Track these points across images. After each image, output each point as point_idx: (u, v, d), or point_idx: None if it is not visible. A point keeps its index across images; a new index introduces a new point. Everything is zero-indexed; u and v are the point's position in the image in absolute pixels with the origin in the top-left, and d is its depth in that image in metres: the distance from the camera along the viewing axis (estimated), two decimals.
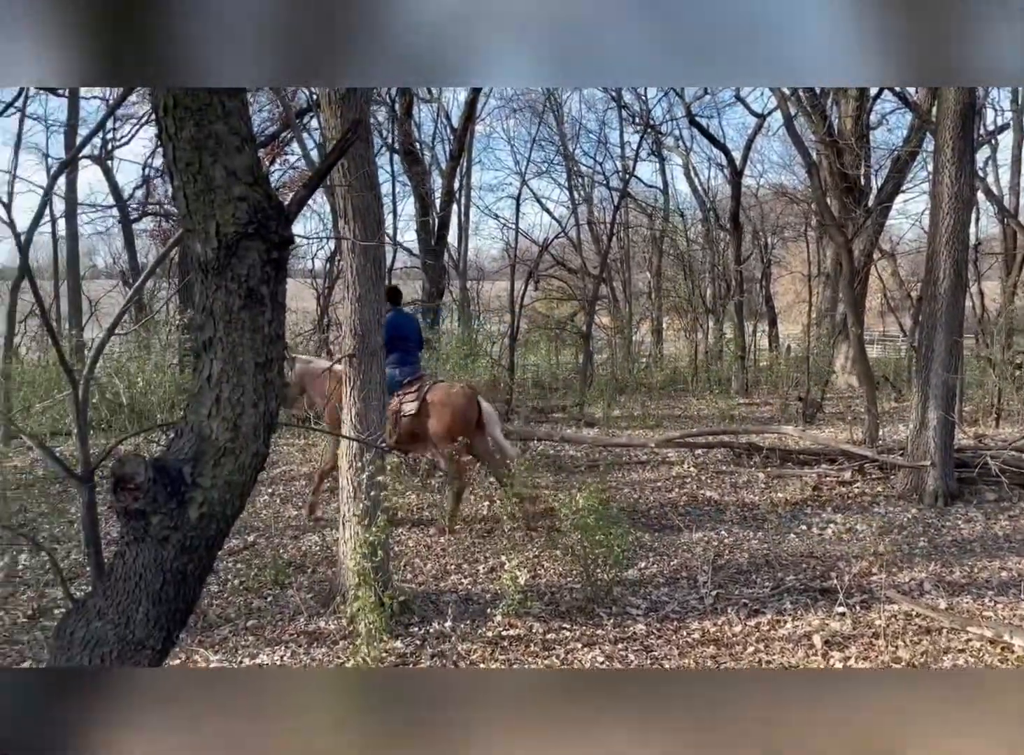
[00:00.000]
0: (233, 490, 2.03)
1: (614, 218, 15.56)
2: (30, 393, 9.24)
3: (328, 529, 6.17)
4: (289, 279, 2.03)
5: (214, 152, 1.74)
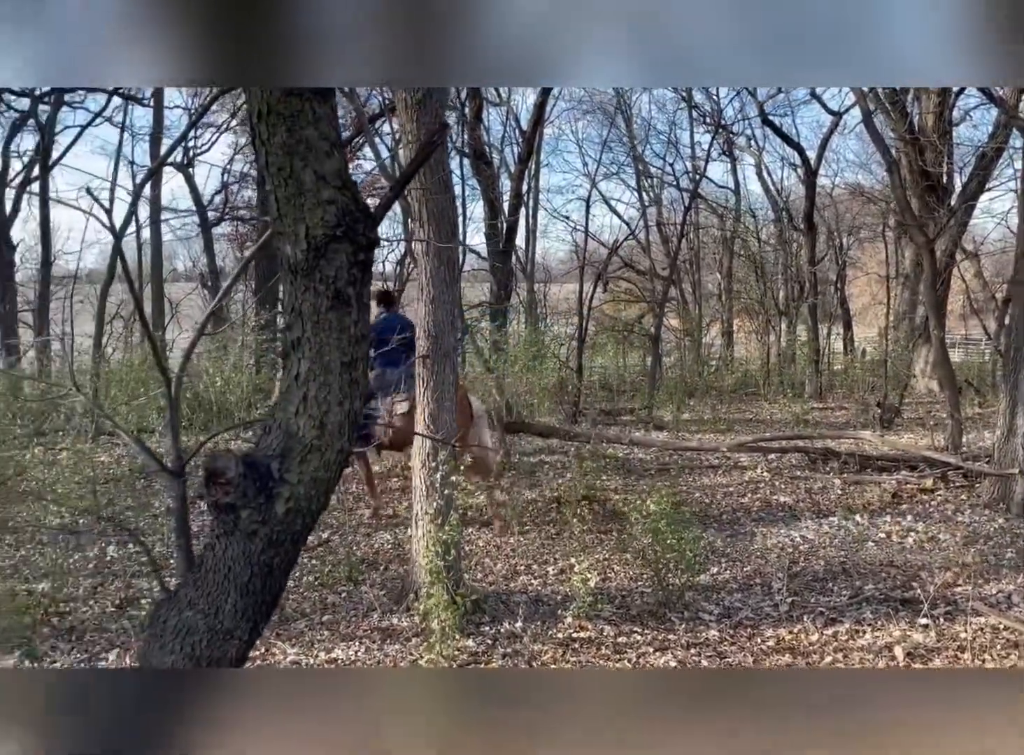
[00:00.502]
0: (318, 486, 2.08)
1: (684, 219, 15.39)
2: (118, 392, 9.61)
3: (399, 527, 6.26)
4: None
5: (304, 157, 1.79)
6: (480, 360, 10.26)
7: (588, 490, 6.68)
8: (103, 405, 6.25)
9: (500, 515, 6.22)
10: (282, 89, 1.73)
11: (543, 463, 8.29)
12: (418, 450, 4.76)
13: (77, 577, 5.22)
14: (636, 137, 19.60)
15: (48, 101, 15.92)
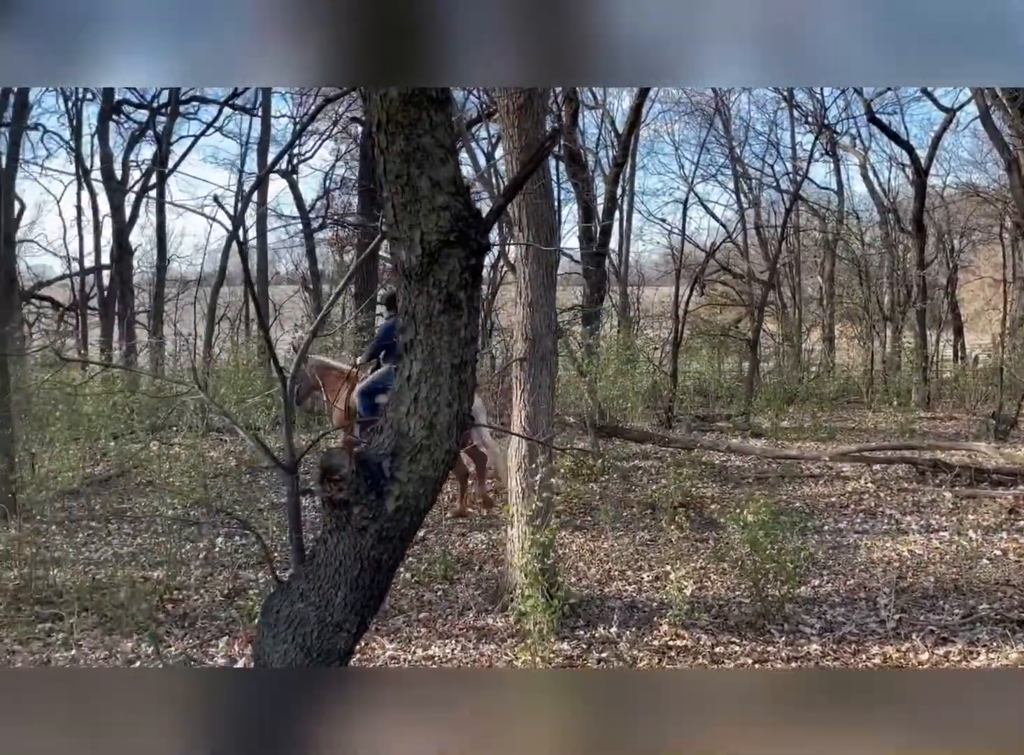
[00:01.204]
0: (426, 485, 2.13)
1: (785, 221, 14.99)
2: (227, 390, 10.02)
3: (492, 528, 6.32)
4: None
5: (421, 164, 1.84)
6: (572, 363, 10.25)
7: (684, 497, 6.58)
8: (220, 403, 6.54)
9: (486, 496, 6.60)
10: (401, 98, 1.78)
11: (636, 468, 8.22)
12: (514, 452, 4.80)
13: (189, 566, 5.47)
14: (735, 138, 19.20)
15: (164, 113, 16.78)
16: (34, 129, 16.18)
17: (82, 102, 16.78)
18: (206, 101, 17.81)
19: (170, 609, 4.76)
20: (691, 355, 14.85)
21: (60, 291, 18.61)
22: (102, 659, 4.06)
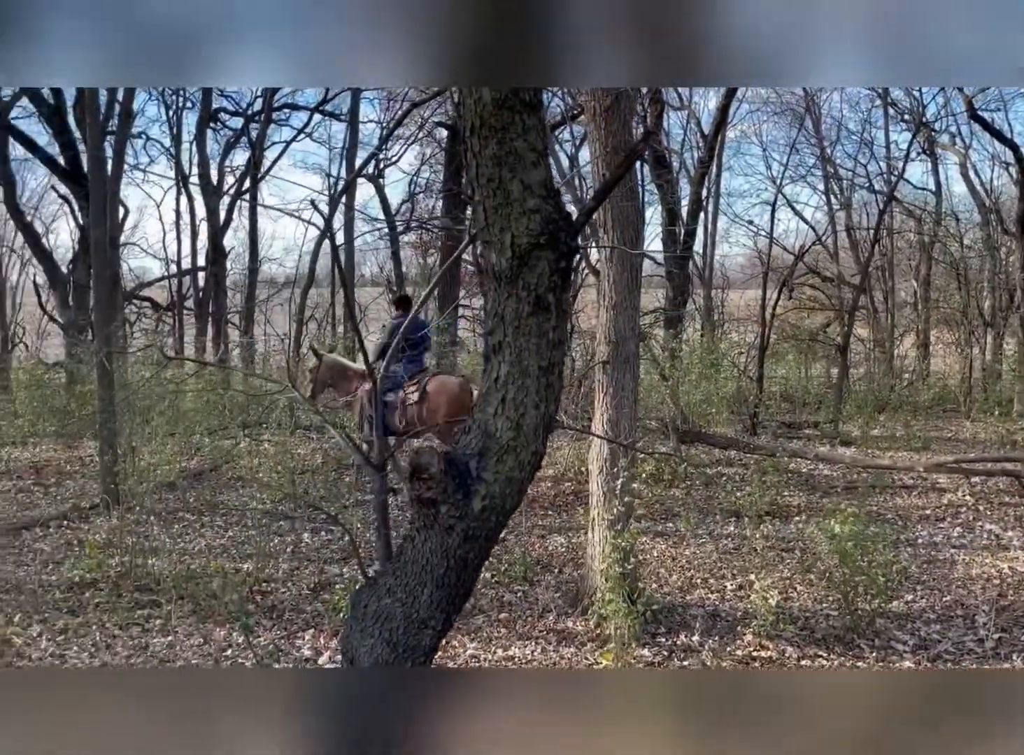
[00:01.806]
0: (512, 486, 2.14)
1: (879, 223, 14.47)
2: None
3: (571, 531, 6.31)
4: None
5: (513, 167, 1.86)
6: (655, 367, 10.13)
7: (769, 505, 6.44)
8: (315, 402, 6.75)
9: None
10: (494, 102, 1.80)
11: (720, 475, 8.08)
12: (595, 456, 4.78)
13: (277, 560, 5.63)
14: (826, 137, 18.66)
15: (258, 119, 17.35)
16: (137, 137, 16.99)
17: (182, 110, 17.55)
18: (297, 108, 18.37)
19: (259, 601, 4.92)
20: (777, 360, 14.49)
21: (159, 292, 19.47)
22: (196, 646, 4.23)
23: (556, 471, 8.06)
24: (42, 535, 6.11)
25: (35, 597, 4.78)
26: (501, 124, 1.82)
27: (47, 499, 7.23)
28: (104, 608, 4.64)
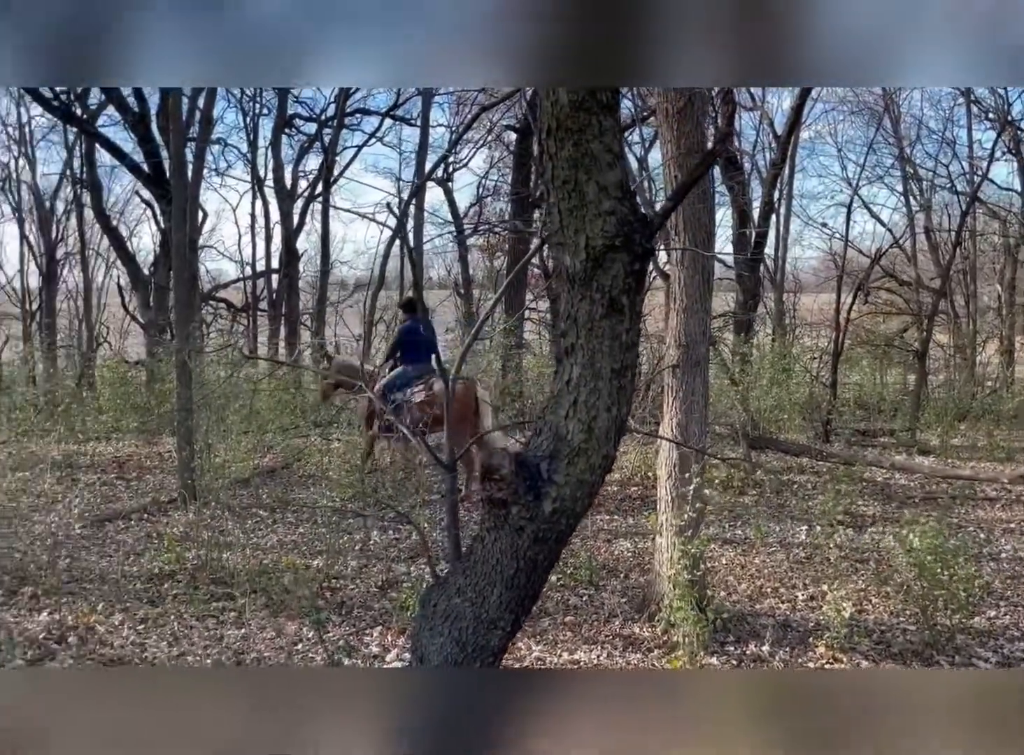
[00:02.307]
0: (583, 488, 2.14)
1: (961, 224, 13.96)
2: None
3: (638, 536, 6.25)
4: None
5: (589, 169, 1.85)
6: (724, 372, 9.98)
7: (843, 514, 6.26)
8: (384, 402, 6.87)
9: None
10: (571, 103, 1.80)
11: (791, 482, 7.90)
12: (664, 460, 4.73)
13: (346, 557, 5.73)
14: (905, 137, 18.09)
15: (331, 125, 17.71)
16: (216, 143, 17.52)
17: (259, 117, 18.02)
18: (369, 112, 18.70)
19: (328, 597, 5.01)
20: (851, 366, 14.11)
21: (234, 293, 20.04)
22: (268, 639, 4.33)
23: (622, 475, 8.00)
24: (124, 527, 6.34)
25: (117, 587, 4.96)
26: (578, 126, 1.82)
27: (128, 492, 7.50)
28: (181, 599, 4.79)
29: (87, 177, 16.23)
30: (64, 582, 4.99)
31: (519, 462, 2.09)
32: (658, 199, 9.24)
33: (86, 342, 18.55)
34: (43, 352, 15.09)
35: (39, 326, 17.83)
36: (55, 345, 16.46)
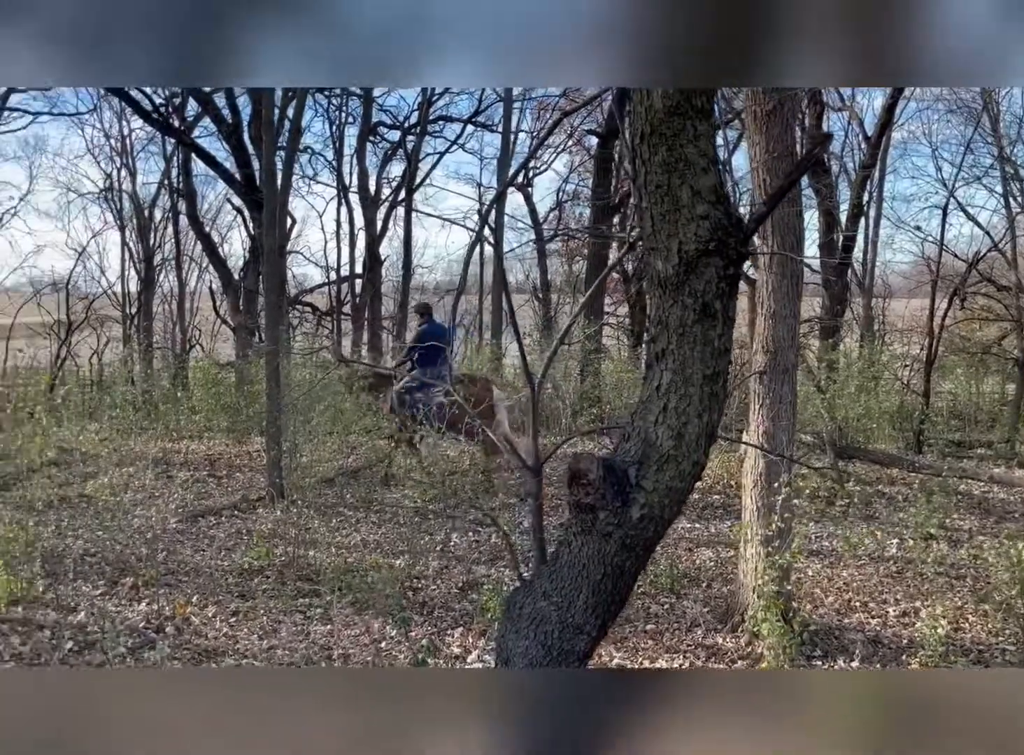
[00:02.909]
0: (672, 495, 2.12)
1: None
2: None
3: (720, 545, 6.15)
4: None
5: (683, 174, 1.84)
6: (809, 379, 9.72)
7: (937, 528, 6.03)
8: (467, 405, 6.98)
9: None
10: (665, 109, 1.79)
11: (881, 494, 7.65)
12: (750, 469, 4.64)
13: (427, 558, 5.81)
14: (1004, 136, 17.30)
15: (414, 132, 18.01)
16: (303, 152, 18.01)
17: (344, 125, 18.47)
18: (451, 120, 18.94)
19: (410, 596, 5.09)
20: (945, 374, 13.57)
21: (319, 298, 20.56)
22: (353, 636, 4.43)
23: (704, 483, 7.87)
24: (216, 523, 6.58)
25: (211, 580, 5.15)
26: (672, 131, 1.81)
27: (219, 490, 7.77)
28: (270, 594, 4.94)
29: (183, 186, 16.92)
30: (161, 574, 5.21)
31: (607, 467, 2.08)
32: (742, 203, 9.06)
33: (180, 344, 19.32)
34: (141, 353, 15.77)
35: (137, 329, 18.66)
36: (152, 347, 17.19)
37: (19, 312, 18.59)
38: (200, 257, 20.36)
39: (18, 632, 4.20)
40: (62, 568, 5.19)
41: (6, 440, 7.47)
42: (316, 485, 7.22)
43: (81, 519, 6.34)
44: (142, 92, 15.41)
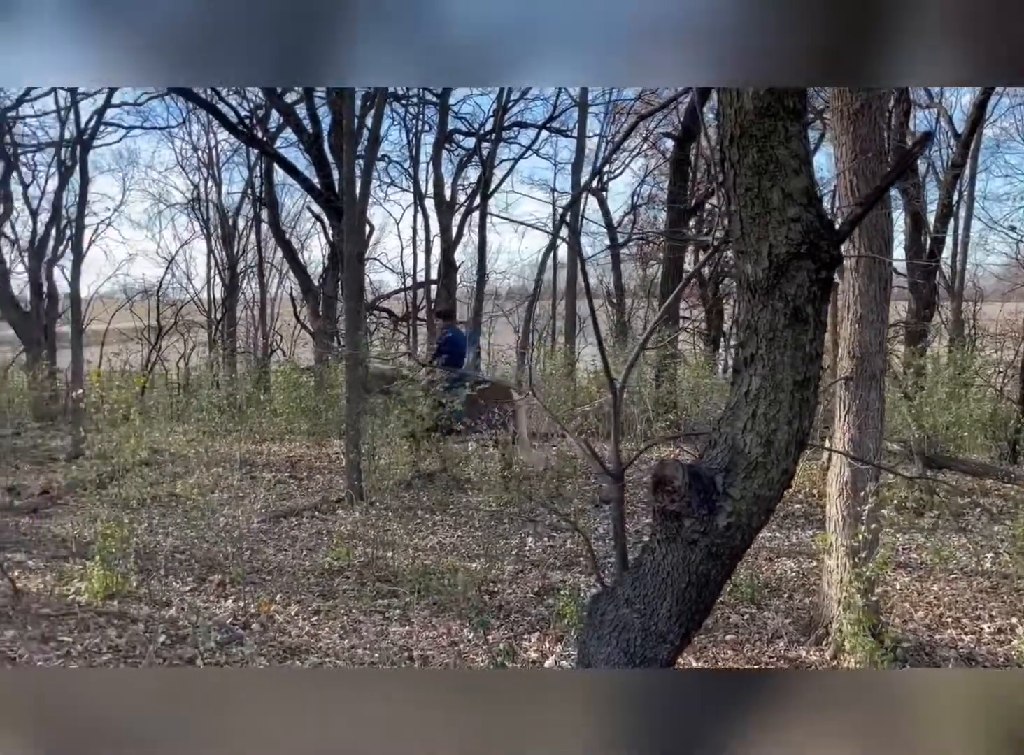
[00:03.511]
0: (760, 504, 2.08)
1: None
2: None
3: (802, 555, 5.99)
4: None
5: (773, 176, 1.81)
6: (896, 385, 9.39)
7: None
8: (552, 410, 7.01)
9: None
10: (756, 110, 1.76)
11: (974, 505, 7.33)
12: (835, 477, 4.51)
13: (503, 562, 5.82)
14: None
15: (489, 139, 18.15)
16: (382, 160, 18.35)
17: (420, 133, 18.74)
18: (526, 125, 19.01)
19: (487, 600, 5.11)
20: None
21: (395, 303, 20.89)
22: (431, 638, 4.47)
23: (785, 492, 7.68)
24: (297, 523, 6.73)
25: (294, 579, 5.28)
26: (763, 132, 1.78)
27: (300, 491, 7.96)
28: (350, 594, 5.03)
29: (265, 195, 17.43)
30: (246, 572, 5.36)
31: (692, 474, 2.05)
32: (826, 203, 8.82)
33: (262, 349, 19.90)
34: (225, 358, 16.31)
35: (222, 334, 19.29)
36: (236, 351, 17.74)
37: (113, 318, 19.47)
38: (281, 264, 20.93)
39: (114, 625, 4.39)
40: (154, 564, 5.40)
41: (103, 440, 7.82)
42: (394, 487, 7.33)
43: (171, 517, 6.58)
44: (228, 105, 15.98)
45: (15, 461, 8.94)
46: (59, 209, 16.30)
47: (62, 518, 6.54)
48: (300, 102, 15.68)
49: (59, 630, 4.25)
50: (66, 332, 14.99)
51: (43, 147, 16.82)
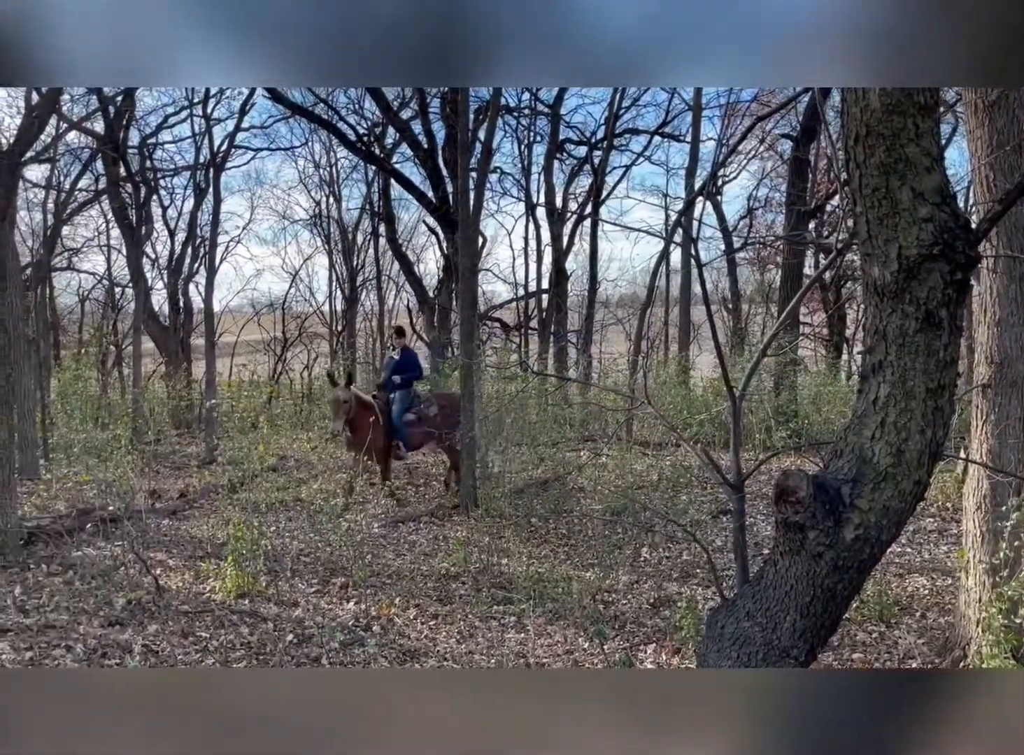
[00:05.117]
0: (890, 516, 1.99)
1: None
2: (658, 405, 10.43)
3: (935, 572, 5.68)
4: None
5: (902, 175, 1.74)
6: None
7: None
8: (669, 419, 6.93)
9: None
10: (884, 107, 1.70)
11: None
12: (972, 490, 4.26)
13: (617, 572, 5.78)
14: None
15: (600, 147, 18.12)
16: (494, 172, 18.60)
17: (532, 144, 18.90)
18: (637, 132, 18.88)
19: (602, 609, 5.09)
20: None
21: (507, 313, 21.12)
22: (546, 645, 4.49)
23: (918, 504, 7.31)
24: (415, 529, 6.90)
25: (412, 583, 5.41)
26: (891, 131, 1.71)
27: (416, 497, 8.15)
28: (466, 600, 5.11)
29: (383, 210, 17.99)
30: (367, 576, 5.53)
31: (817, 485, 1.99)
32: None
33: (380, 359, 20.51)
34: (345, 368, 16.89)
35: (342, 344, 20.01)
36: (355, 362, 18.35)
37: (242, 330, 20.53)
38: (398, 276, 21.53)
39: (246, 623, 4.61)
40: (281, 566, 5.64)
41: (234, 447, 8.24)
42: (507, 495, 7.40)
43: (296, 521, 6.87)
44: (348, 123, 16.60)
45: (156, 466, 9.54)
46: (194, 229, 17.32)
47: (198, 520, 6.93)
48: (415, 118, 16.13)
49: (197, 626, 4.51)
50: (200, 344, 15.93)
51: (180, 171, 17.96)
